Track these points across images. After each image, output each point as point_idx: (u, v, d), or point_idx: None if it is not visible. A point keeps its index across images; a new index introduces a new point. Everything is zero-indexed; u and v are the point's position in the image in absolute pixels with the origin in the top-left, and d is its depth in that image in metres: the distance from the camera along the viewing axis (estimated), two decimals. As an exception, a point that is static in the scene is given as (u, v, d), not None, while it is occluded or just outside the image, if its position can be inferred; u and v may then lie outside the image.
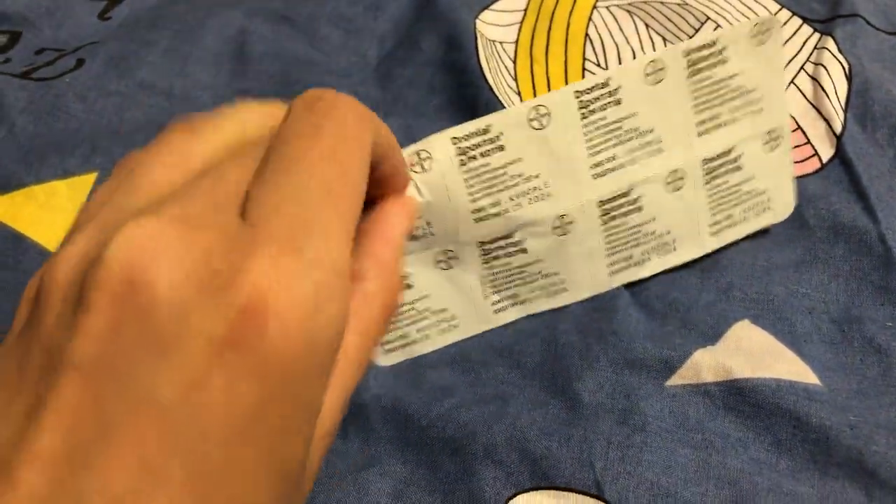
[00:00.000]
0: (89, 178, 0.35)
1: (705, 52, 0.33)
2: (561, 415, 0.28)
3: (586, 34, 0.44)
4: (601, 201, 0.32)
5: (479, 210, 0.30)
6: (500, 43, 0.44)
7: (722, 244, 0.32)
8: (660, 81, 0.32)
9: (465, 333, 0.30)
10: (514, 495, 0.26)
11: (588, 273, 0.31)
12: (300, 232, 0.16)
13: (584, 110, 0.31)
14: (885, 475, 0.26)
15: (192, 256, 0.16)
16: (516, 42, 0.44)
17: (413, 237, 0.30)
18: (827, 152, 0.38)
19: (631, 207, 0.32)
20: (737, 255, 0.33)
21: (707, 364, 0.29)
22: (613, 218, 0.32)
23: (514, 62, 0.43)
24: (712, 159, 0.33)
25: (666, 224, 0.32)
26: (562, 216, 0.31)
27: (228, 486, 0.16)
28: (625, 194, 0.32)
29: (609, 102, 0.32)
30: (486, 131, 0.29)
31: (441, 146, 0.29)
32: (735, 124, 0.33)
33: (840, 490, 0.27)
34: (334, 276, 0.16)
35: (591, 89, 0.31)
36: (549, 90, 0.41)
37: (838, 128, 0.38)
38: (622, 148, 0.32)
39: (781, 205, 0.33)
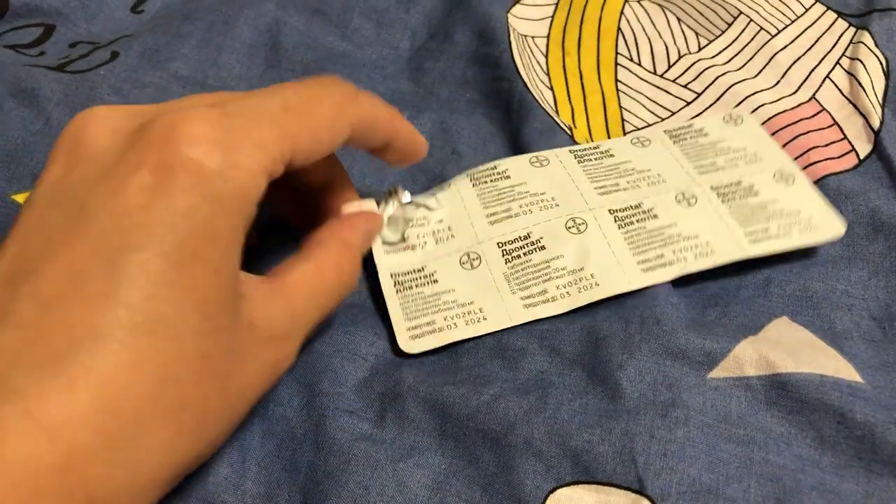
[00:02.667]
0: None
1: (683, 131, 0.38)
2: (602, 406, 0.27)
3: (618, 28, 0.44)
4: (611, 210, 0.34)
5: (493, 214, 0.34)
6: (532, 37, 0.43)
7: (765, 252, 0.32)
8: (646, 146, 0.37)
9: (494, 327, 0.30)
10: (555, 489, 0.26)
11: (618, 269, 0.31)
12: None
13: (579, 160, 0.36)
14: (930, 472, 0.26)
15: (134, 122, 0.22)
16: (548, 36, 0.44)
17: (435, 241, 0.33)
18: (864, 148, 0.37)
19: (644, 215, 0.33)
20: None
21: (749, 357, 0.29)
22: (630, 223, 0.33)
23: (546, 56, 0.43)
24: (721, 186, 0.34)
25: (692, 229, 0.33)
26: (573, 217, 0.33)
27: (142, 296, 0.19)
28: (636, 206, 0.34)
29: (601, 155, 0.36)
30: (495, 168, 0.35)
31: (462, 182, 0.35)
32: (734, 168, 0.35)
33: (885, 488, 0.26)
34: (245, 138, 0.22)
35: (586, 150, 0.37)
36: (581, 84, 0.41)
37: (876, 123, 0.38)
38: (623, 180, 0.35)
39: (828, 225, 0.33)
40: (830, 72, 0.41)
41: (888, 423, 0.27)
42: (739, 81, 0.41)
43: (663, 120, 0.40)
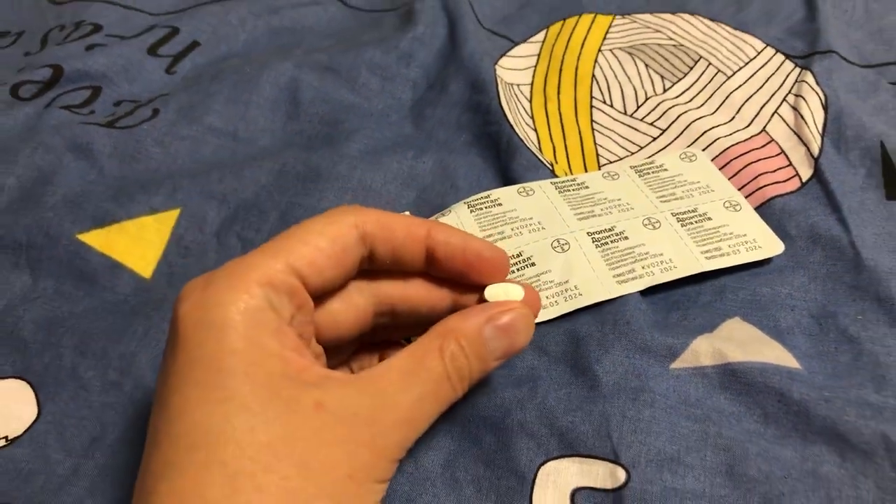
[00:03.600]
0: (174, 214, 0.41)
1: (646, 166, 0.43)
2: (582, 393, 0.33)
3: (593, 75, 0.50)
4: (589, 232, 0.39)
5: (489, 236, 0.39)
6: (518, 85, 0.49)
7: (718, 267, 0.38)
8: (616, 179, 0.43)
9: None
10: (545, 462, 0.31)
11: (597, 282, 0.37)
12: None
13: (560, 190, 0.41)
14: (855, 439, 0.31)
15: None
16: (531, 84, 0.50)
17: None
18: (806, 173, 0.43)
19: (617, 237, 0.39)
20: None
21: (705, 350, 0.34)
22: (605, 244, 0.39)
23: (530, 101, 0.49)
24: (680, 213, 0.40)
25: (657, 248, 0.39)
26: (557, 239, 0.39)
27: None
28: (610, 229, 0.39)
29: (579, 187, 0.42)
30: (489, 196, 0.41)
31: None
32: (690, 198, 0.41)
33: (818, 452, 0.31)
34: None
35: (565, 182, 0.42)
36: (561, 125, 0.47)
37: (816, 151, 0.44)
38: (597, 207, 0.41)
39: (770, 245, 0.39)
40: (778, 107, 0.47)
41: (819, 400, 0.32)
42: (699, 118, 0.47)
43: (633, 154, 0.46)
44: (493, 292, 0.29)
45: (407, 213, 0.40)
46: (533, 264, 0.38)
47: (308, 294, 0.26)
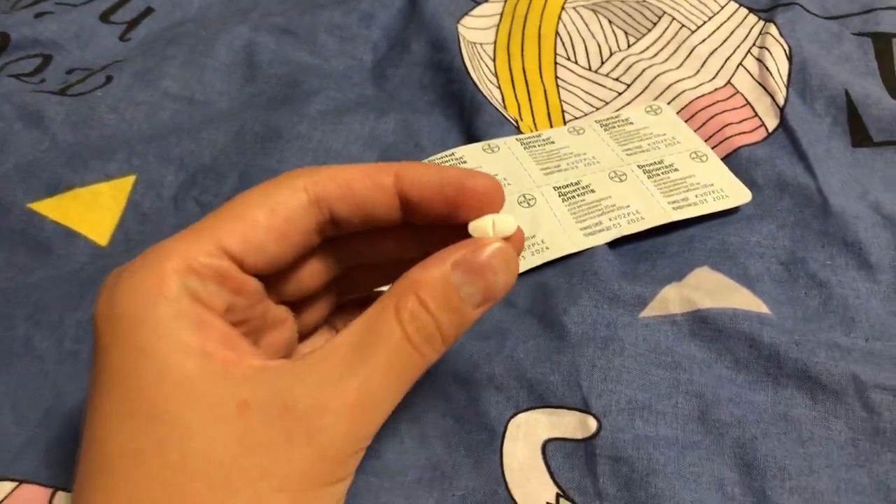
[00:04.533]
0: (129, 180, 0.40)
1: (612, 120, 0.43)
2: (551, 345, 0.32)
3: (556, 32, 0.49)
4: (555, 187, 0.39)
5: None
6: (481, 44, 0.49)
7: (686, 216, 0.38)
8: (581, 134, 0.42)
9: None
10: (515, 414, 0.31)
11: (564, 235, 0.37)
12: None
13: (525, 146, 0.41)
14: (825, 381, 0.31)
15: None
16: (494, 43, 0.49)
17: None
18: (772, 122, 0.43)
19: (584, 190, 0.39)
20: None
21: (673, 298, 0.34)
22: (572, 197, 0.38)
23: (494, 60, 0.48)
24: (647, 165, 0.40)
25: (624, 200, 0.38)
26: (524, 194, 0.39)
27: None
28: (576, 183, 0.39)
29: (544, 143, 0.41)
30: (453, 154, 0.41)
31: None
32: (657, 150, 0.41)
33: (789, 396, 0.31)
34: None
35: (530, 138, 0.42)
36: (525, 82, 0.46)
37: (781, 101, 0.43)
38: (563, 162, 0.40)
39: (737, 194, 0.39)
40: (743, 59, 0.47)
41: (790, 343, 0.32)
42: (664, 73, 0.46)
43: (598, 109, 0.45)
44: (477, 226, 0.24)
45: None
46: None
47: (248, 275, 0.23)
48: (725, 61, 0.47)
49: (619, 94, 0.46)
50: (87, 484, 0.20)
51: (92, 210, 0.39)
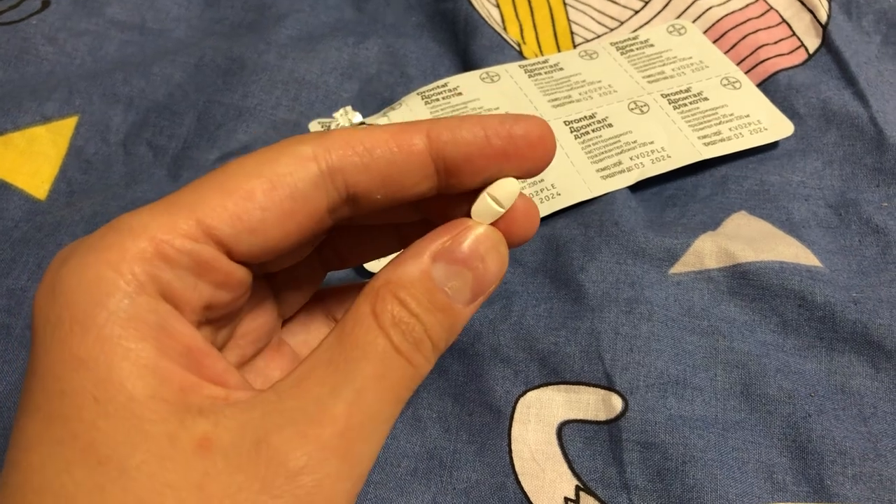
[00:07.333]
0: (70, 122, 0.35)
1: (630, 42, 0.38)
2: (566, 308, 0.28)
3: (562, -57, 0.43)
4: (566, 121, 0.34)
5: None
6: (476, -42, 0.43)
7: (718, 154, 0.33)
8: (594, 59, 0.37)
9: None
10: (525, 392, 0.26)
11: (577, 179, 0.32)
12: None
13: (529, 74, 0.36)
14: (890, 346, 0.27)
15: None
16: (492, -43, 0.43)
17: None
18: (813, 43, 0.37)
19: (599, 125, 0.34)
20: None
21: (709, 250, 0.29)
22: (586, 133, 0.34)
23: (491, -24, 0.42)
24: (671, 94, 0.35)
25: (647, 135, 0.33)
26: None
27: None
28: (590, 116, 0.34)
29: (552, 69, 0.36)
30: (446, 85, 0.35)
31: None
32: (682, 76, 0.36)
33: (847, 364, 0.27)
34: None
35: (535, 64, 0.37)
36: (528, 1, 0.41)
37: (823, 17, 0.38)
38: (574, 91, 0.35)
39: (777, 126, 0.34)
40: (776, -29, 0.41)
41: (847, 302, 0.27)
42: (686, -13, 0.40)
43: (612, 30, 0.40)
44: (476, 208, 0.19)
45: (385, 118, 0.34)
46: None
47: (235, 266, 0.18)
48: (756, -28, 0.41)
49: (636, 12, 0.40)
50: None
51: (27, 158, 0.34)
